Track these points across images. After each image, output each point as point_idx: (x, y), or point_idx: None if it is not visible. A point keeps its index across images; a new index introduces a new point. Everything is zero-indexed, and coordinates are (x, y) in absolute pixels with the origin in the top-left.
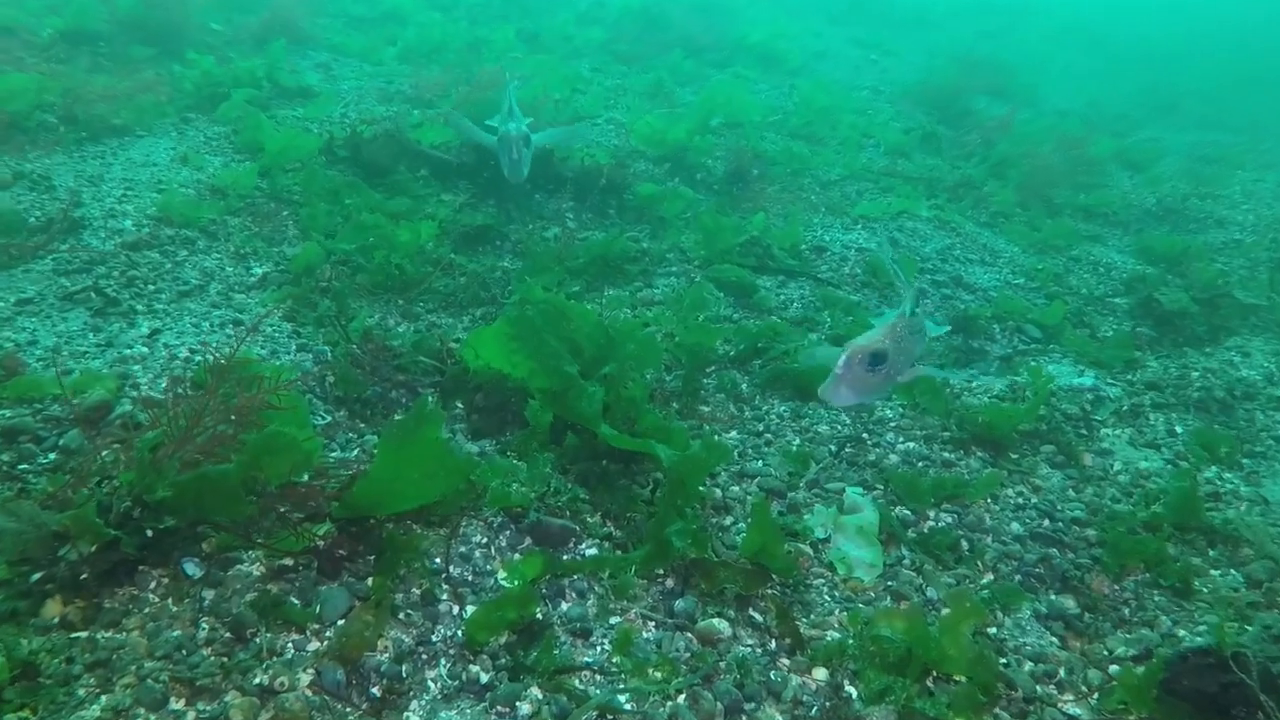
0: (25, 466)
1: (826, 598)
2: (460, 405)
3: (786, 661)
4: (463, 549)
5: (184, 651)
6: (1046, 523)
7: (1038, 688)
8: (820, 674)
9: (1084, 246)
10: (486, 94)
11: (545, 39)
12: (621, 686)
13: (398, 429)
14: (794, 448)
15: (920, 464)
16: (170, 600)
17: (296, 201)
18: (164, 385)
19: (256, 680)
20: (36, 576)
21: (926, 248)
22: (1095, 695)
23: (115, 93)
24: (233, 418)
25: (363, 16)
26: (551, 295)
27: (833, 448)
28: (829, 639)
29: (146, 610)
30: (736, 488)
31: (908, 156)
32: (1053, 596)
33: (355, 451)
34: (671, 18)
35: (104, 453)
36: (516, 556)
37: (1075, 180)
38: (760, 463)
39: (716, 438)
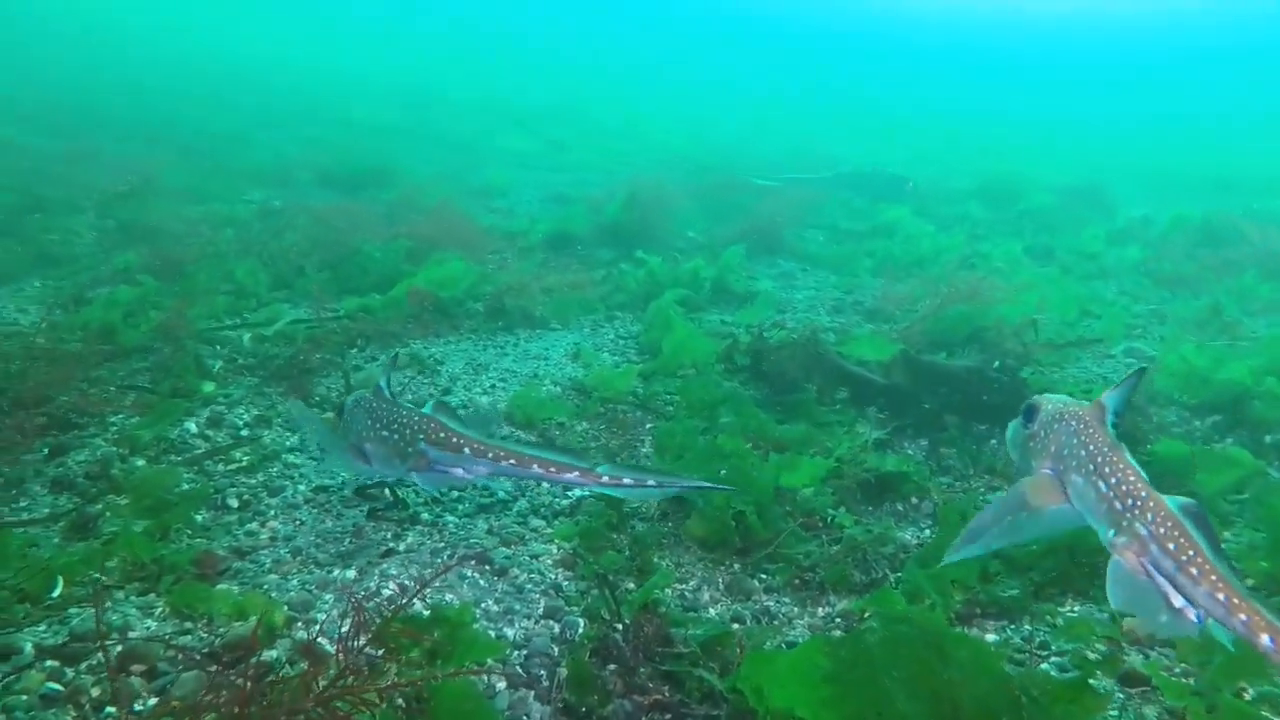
0: (110, 712)
1: None
2: None
3: None
4: None
5: None
6: None
7: None
8: None
9: None
10: (958, 307)
11: (1061, 256)
12: None
13: None
14: None
15: None
16: None
17: (666, 413)
18: (345, 628)
19: None
20: None
21: None
22: None
23: (551, 286)
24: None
25: (850, 230)
26: (924, 611)
27: None
28: None
29: None
30: None
31: None
32: None
33: None
34: (1242, 232)
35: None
36: None
37: None
38: None
39: None
